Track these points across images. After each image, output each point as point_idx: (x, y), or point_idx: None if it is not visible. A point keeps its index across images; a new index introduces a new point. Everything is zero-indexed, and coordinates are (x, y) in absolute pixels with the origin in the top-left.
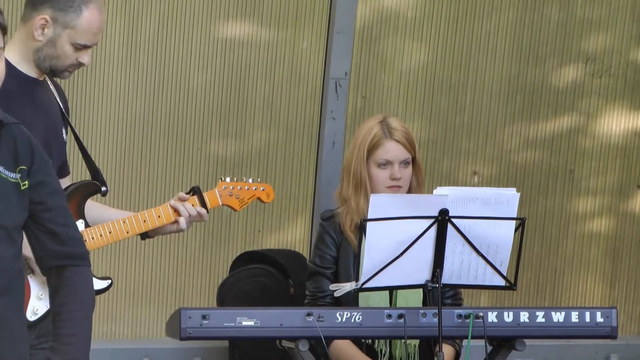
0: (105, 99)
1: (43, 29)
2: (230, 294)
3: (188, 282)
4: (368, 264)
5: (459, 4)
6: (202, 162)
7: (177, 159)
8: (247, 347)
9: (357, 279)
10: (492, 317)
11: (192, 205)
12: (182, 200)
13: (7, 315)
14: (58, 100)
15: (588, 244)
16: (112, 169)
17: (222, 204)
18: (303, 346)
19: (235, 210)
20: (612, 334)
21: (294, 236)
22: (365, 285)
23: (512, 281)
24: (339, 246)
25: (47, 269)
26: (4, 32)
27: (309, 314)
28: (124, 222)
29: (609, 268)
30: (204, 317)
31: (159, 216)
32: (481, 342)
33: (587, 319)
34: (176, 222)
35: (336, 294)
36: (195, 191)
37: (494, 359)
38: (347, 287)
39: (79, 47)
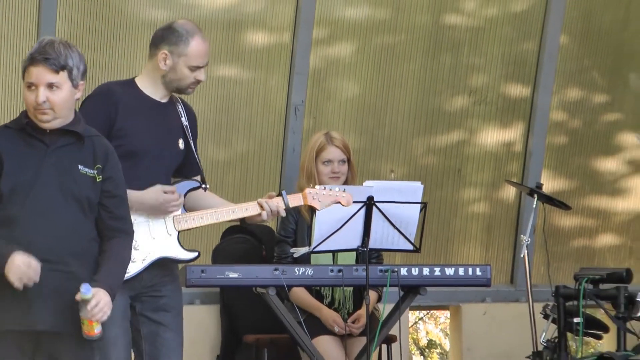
0: None
1: (165, 61)
2: (221, 255)
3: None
4: (317, 234)
5: (381, 54)
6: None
7: None
8: (232, 292)
9: (309, 245)
10: (403, 271)
11: (276, 204)
12: (270, 197)
13: (80, 273)
14: (183, 118)
15: (470, 222)
16: None
17: (305, 204)
18: (272, 291)
19: (316, 209)
20: (487, 283)
21: None
22: (316, 249)
23: (418, 246)
24: (297, 222)
25: (103, 239)
26: (61, 70)
27: (275, 269)
28: (214, 212)
29: (485, 238)
30: (202, 271)
31: (246, 209)
32: (395, 289)
33: (470, 273)
34: (260, 214)
35: (295, 255)
36: (280, 194)
37: (404, 301)
38: (303, 250)
39: (193, 69)
